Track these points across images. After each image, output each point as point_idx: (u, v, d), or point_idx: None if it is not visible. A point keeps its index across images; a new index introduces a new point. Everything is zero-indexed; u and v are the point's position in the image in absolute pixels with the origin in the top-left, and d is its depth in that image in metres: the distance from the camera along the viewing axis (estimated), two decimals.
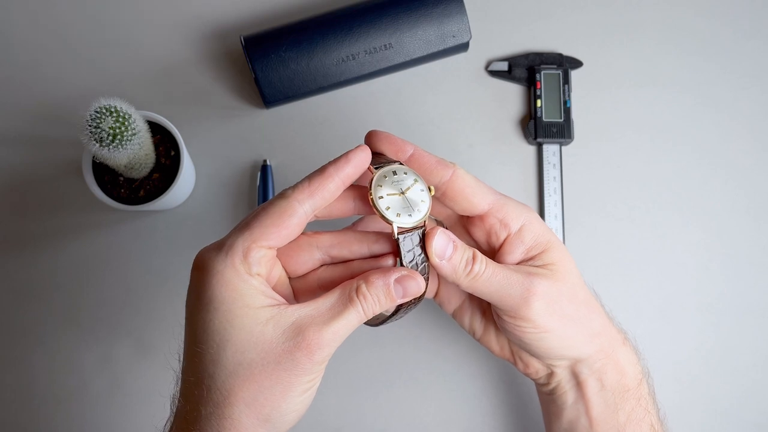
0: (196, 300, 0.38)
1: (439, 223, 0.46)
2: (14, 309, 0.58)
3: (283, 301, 0.38)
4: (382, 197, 0.39)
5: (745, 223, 0.60)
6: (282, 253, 0.42)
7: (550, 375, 0.47)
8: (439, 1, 0.58)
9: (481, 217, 0.43)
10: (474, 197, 0.42)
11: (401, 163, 0.41)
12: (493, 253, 0.44)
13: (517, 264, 0.43)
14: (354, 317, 0.38)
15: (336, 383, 0.57)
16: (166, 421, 0.40)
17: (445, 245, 0.40)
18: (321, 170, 0.39)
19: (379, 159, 0.41)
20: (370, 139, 0.42)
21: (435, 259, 0.40)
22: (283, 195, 0.39)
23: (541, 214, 0.59)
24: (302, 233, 0.41)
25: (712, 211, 0.61)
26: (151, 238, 0.59)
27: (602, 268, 0.59)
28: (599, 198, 0.61)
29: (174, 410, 0.39)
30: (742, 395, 0.58)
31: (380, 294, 0.38)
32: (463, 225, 0.46)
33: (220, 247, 0.38)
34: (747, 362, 0.59)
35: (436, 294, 0.49)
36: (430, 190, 0.41)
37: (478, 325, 0.48)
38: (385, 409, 0.57)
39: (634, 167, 0.61)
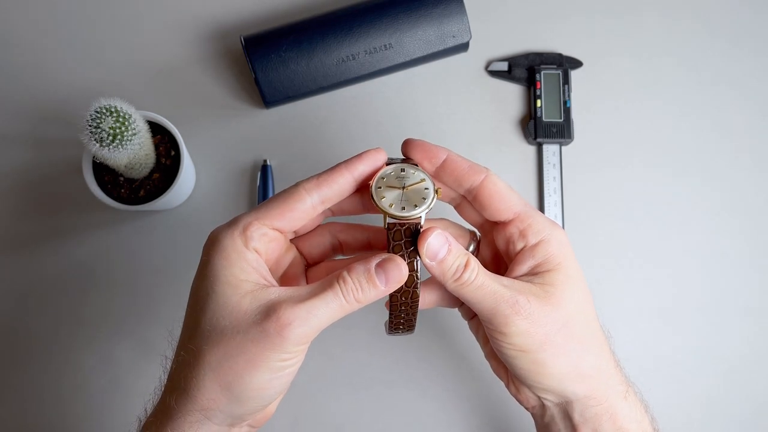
0: (199, 266, 0.40)
1: (473, 235, 0.45)
2: (14, 309, 0.58)
3: (273, 282, 0.39)
4: (380, 187, 0.40)
5: (746, 222, 0.61)
6: (297, 237, 0.44)
7: (543, 408, 0.45)
8: (439, 1, 0.58)
9: (504, 225, 0.43)
10: (501, 204, 0.42)
11: (415, 163, 0.41)
12: (509, 262, 0.43)
13: (521, 276, 0.42)
14: (332, 299, 0.37)
15: (336, 383, 0.57)
16: (160, 379, 0.41)
17: (438, 246, 0.39)
18: (332, 167, 0.41)
19: (398, 158, 0.42)
20: (404, 147, 0.42)
21: (426, 259, 0.39)
22: (295, 183, 0.40)
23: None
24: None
25: (712, 211, 0.61)
26: (151, 238, 0.59)
27: (602, 267, 0.59)
28: (599, 198, 0.61)
29: (164, 368, 0.41)
30: (741, 395, 0.58)
31: (361, 278, 0.38)
32: (492, 231, 0.45)
33: (229, 222, 0.40)
34: (747, 362, 0.59)
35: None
36: (437, 192, 0.40)
37: (481, 336, 0.47)
38: (385, 409, 0.57)
39: (634, 167, 0.61)
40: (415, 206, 0.39)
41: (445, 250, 0.39)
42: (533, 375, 0.42)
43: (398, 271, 0.38)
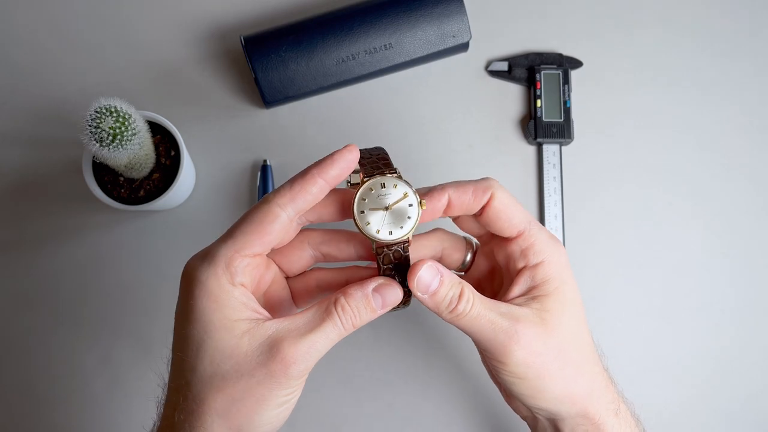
0: (180, 308, 0.39)
1: (469, 245, 0.45)
2: (14, 309, 0.58)
3: (266, 315, 0.38)
4: (363, 212, 0.39)
5: (746, 222, 0.60)
6: (274, 251, 0.42)
7: (535, 419, 0.45)
8: (439, 1, 0.58)
9: (506, 240, 0.42)
10: (506, 223, 0.41)
11: (395, 172, 0.40)
12: (509, 280, 0.43)
13: (519, 297, 0.42)
14: (331, 330, 0.37)
15: (335, 382, 0.57)
16: (153, 424, 0.40)
17: (429, 280, 0.38)
18: (303, 172, 0.39)
19: (374, 164, 0.40)
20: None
21: (417, 293, 0.39)
22: (265, 199, 0.39)
23: (541, 213, 0.59)
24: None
25: (712, 211, 0.61)
26: (151, 238, 0.59)
27: (602, 268, 0.59)
28: (599, 198, 0.61)
29: (159, 413, 0.40)
30: (742, 395, 0.58)
31: (359, 305, 0.38)
32: (491, 242, 0.44)
33: (205, 256, 0.38)
34: (748, 362, 0.59)
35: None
36: (421, 204, 0.40)
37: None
38: (385, 409, 0.57)
39: (634, 167, 0.61)
40: (401, 227, 0.39)
41: (437, 282, 0.38)
42: (528, 398, 0.42)
43: (395, 295, 0.38)
